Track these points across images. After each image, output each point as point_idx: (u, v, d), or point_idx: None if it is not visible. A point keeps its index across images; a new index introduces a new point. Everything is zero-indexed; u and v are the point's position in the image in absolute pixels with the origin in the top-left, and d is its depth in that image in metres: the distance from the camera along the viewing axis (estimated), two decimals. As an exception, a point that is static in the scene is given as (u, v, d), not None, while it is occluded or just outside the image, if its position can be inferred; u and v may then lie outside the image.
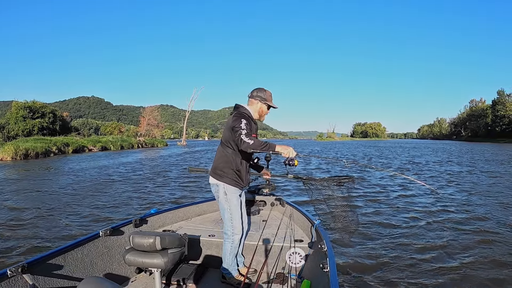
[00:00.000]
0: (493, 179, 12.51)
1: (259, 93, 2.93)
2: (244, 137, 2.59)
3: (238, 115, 2.79)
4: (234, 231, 2.89)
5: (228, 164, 2.87)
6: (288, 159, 3.09)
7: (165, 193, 9.73)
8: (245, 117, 2.77)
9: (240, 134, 2.61)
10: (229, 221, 2.89)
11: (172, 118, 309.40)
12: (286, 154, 2.74)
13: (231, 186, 2.89)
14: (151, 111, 62.06)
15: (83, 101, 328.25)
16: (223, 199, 2.89)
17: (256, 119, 2.98)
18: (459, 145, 57.59)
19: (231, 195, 2.89)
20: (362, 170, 14.43)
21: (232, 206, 2.89)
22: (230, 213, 2.88)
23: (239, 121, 2.70)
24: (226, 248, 2.93)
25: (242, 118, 2.73)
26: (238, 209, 2.94)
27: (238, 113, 2.83)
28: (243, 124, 2.67)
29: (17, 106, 44.03)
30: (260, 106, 2.95)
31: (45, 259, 2.38)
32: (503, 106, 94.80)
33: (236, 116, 2.78)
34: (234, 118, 2.78)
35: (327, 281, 2.07)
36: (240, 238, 2.96)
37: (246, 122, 2.70)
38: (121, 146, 42.90)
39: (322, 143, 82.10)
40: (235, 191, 2.91)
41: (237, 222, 2.90)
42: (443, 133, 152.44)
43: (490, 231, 5.75)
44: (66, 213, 7.16)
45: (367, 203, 8.20)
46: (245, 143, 2.57)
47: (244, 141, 2.57)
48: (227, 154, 2.87)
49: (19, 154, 24.17)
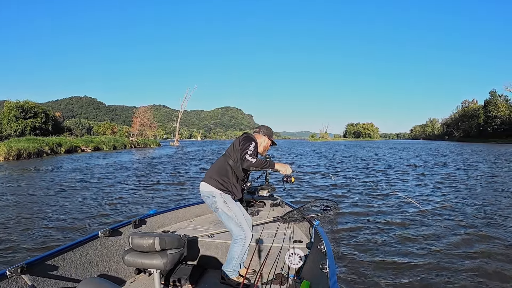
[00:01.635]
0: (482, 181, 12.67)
1: (267, 131, 3.21)
2: (247, 156, 2.75)
3: (249, 137, 2.98)
4: (246, 234, 2.89)
5: (226, 175, 2.94)
6: (285, 176, 3.30)
7: (152, 195, 9.71)
8: (255, 141, 2.95)
9: (246, 153, 2.76)
10: (238, 226, 2.89)
11: (165, 118, 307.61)
12: (284, 172, 3.02)
13: (228, 195, 2.93)
14: (144, 111, 61.84)
15: (75, 101, 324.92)
16: (224, 208, 2.89)
17: (259, 152, 3.13)
18: (453, 145, 58.13)
19: (231, 202, 2.92)
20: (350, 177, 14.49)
21: (237, 212, 2.90)
22: (237, 219, 2.89)
23: (249, 141, 2.88)
24: (235, 251, 2.89)
25: (252, 141, 2.91)
26: (241, 212, 2.95)
27: (249, 136, 3.01)
28: (252, 146, 2.84)
29: (10, 106, 43.71)
30: (268, 142, 3.21)
31: (44, 260, 2.37)
32: (495, 107, 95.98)
33: (247, 137, 2.97)
34: (244, 138, 2.95)
35: (326, 281, 2.07)
36: (250, 240, 2.96)
37: (255, 146, 2.87)
38: (114, 146, 42.69)
39: (315, 144, 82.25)
40: (232, 199, 2.95)
41: (245, 225, 2.91)
42: (435, 134, 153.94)
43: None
44: (50, 216, 7.10)
45: (364, 203, 8.26)
46: (248, 161, 2.74)
47: (248, 160, 2.74)
48: (229, 167, 2.95)
49: (11, 155, 23.96)
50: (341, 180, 12.66)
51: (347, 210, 7.38)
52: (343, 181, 12.44)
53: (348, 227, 6.06)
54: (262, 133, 3.18)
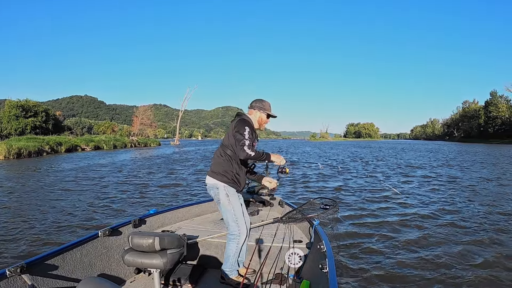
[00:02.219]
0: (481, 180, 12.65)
1: (258, 103, 3.05)
2: (246, 148, 2.70)
3: (242, 121, 2.87)
4: (240, 231, 2.90)
5: (228, 167, 2.90)
6: (280, 167, 3.25)
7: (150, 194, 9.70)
8: (249, 124, 2.86)
9: (243, 145, 2.70)
10: (234, 222, 2.89)
11: (166, 117, 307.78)
12: (279, 163, 3.03)
13: (231, 187, 2.91)
14: (144, 111, 61.77)
15: (76, 100, 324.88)
16: (225, 201, 2.89)
17: (256, 128, 3.05)
18: (454, 146, 58.01)
19: (233, 196, 2.91)
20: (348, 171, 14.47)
21: (236, 207, 2.90)
22: (235, 214, 2.89)
23: (243, 128, 2.78)
24: (230, 249, 2.92)
25: (245, 126, 2.80)
26: (241, 208, 2.95)
27: (242, 119, 2.90)
28: (246, 132, 2.76)
29: (10, 105, 43.81)
30: (260, 115, 3.06)
31: (44, 259, 2.37)
32: (495, 107, 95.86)
33: (240, 122, 2.85)
34: (238, 123, 2.84)
35: (326, 281, 2.07)
36: (245, 239, 2.96)
37: (249, 131, 2.79)
38: (114, 146, 42.67)
39: (315, 143, 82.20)
40: (235, 192, 2.94)
41: (242, 222, 2.91)
42: (436, 134, 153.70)
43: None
44: (53, 214, 7.11)
45: (362, 204, 8.25)
46: (246, 154, 2.70)
47: (246, 152, 2.69)
48: (228, 157, 2.91)
49: (12, 153, 23.96)
50: (346, 176, 12.67)
51: (347, 210, 7.37)
52: (347, 177, 12.46)
53: (348, 226, 6.05)
54: (256, 108, 3.05)
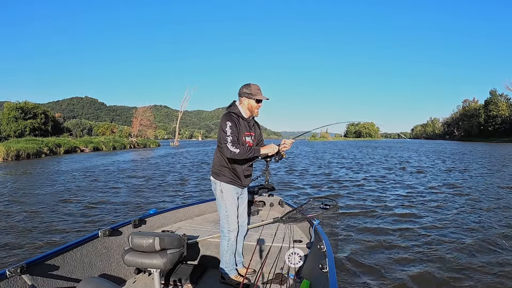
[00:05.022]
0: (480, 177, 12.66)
1: (244, 90, 2.90)
2: (229, 146, 2.68)
3: (224, 117, 2.83)
4: (229, 228, 2.93)
5: (223, 163, 2.91)
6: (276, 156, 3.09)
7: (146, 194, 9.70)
8: (231, 118, 2.81)
9: (226, 142, 2.69)
10: (225, 218, 2.93)
11: (166, 118, 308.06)
12: (272, 152, 2.90)
13: (228, 184, 2.91)
14: (144, 112, 61.72)
15: (76, 102, 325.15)
16: (219, 196, 2.93)
17: (249, 116, 2.96)
18: (455, 145, 58.02)
19: (227, 193, 2.91)
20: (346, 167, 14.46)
21: (228, 204, 2.92)
22: (226, 211, 2.92)
23: (224, 124, 2.76)
24: (223, 246, 2.96)
25: (226, 121, 2.77)
26: (234, 207, 2.95)
27: (224, 115, 2.86)
28: (228, 128, 2.73)
29: (9, 107, 43.78)
30: (248, 103, 2.91)
31: (44, 260, 2.37)
32: (495, 106, 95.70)
33: (222, 118, 2.83)
34: (221, 120, 2.84)
35: (326, 281, 2.07)
36: (236, 236, 2.98)
37: (231, 125, 2.75)
38: (113, 147, 42.68)
39: (315, 143, 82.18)
40: (232, 189, 2.93)
41: (232, 219, 2.93)
42: (436, 133, 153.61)
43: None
44: (49, 216, 7.10)
45: (362, 203, 8.25)
46: (230, 153, 2.69)
47: (229, 150, 2.69)
48: (220, 154, 2.91)
49: (10, 155, 23.95)
50: (346, 177, 12.67)
51: (347, 210, 7.37)
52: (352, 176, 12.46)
53: (348, 226, 6.06)
54: (244, 95, 2.89)
